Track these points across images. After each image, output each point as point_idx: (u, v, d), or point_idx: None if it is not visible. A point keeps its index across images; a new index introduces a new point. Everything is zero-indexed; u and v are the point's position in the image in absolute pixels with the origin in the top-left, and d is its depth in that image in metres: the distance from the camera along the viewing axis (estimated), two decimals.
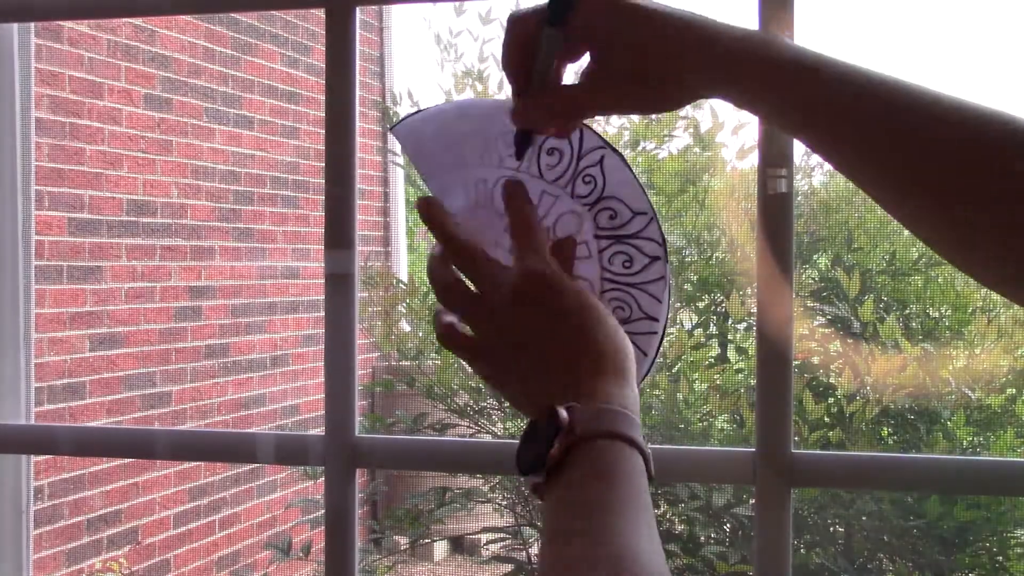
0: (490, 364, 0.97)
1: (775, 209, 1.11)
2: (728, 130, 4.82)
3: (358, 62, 1.21)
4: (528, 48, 0.91)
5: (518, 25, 0.92)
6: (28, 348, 1.41)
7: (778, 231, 1.11)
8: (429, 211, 0.98)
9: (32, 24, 1.52)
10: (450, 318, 0.98)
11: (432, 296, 5.41)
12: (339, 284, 1.18)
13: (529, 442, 0.87)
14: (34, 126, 4.59)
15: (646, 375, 1.05)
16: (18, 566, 1.41)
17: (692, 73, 0.90)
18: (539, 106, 0.94)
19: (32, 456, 1.45)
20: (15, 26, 1.38)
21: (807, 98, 0.88)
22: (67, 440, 1.46)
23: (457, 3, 5.28)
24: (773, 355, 1.11)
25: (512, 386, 0.96)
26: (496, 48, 5.74)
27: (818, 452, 1.29)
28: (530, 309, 0.93)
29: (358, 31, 1.21)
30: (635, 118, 4.90)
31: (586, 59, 0.93)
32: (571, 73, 0.95)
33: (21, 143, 1.36)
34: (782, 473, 1.12)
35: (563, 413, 0.85)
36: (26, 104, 1.39)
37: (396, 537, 5.75)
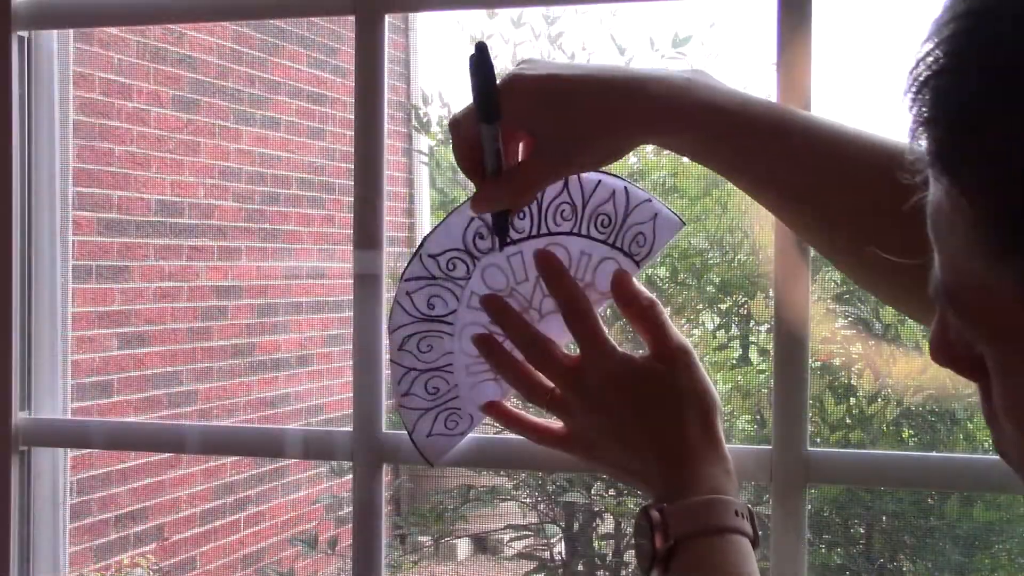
0: (587, 441, 1.02)
1: None
2: None
3: (387, 66, 1.23)
4: (474, 145, 0.96)
5: (458, 129, 0.97)
6: (65, 345, 1.45)
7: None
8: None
9: (71, 30, 1.56)
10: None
11: None
12: (367, 284, 1.21)
13: (637, 541, 0.93)
14: (72, 129, 4.63)
15: None
16: (55, 557, 1.45)
17: (622, 127, 0.94)
18: (491, 193, 0.98)
19: (69, 450, 1.49)
20: (55, 32, 1.42)
21: (720, 141, 0.93)
22: (102, 434, 1.49)
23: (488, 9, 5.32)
24: (790, 354, 1.13)
25: (611, 467, 1.03)
26: (528, 51, 5.80)
27: (834, 450, 1.32)
28: (623, 396, 0.99)
29: (387, 36, 1.23)
30: None
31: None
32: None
33: (60, 146, 1.40)
34: (798, 470, 1.14)
35: (655, 515, 0.90)
36: (64, 108, 1.43)
37: (420, 538, 5.78)
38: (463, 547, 7.04)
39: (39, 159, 1.38)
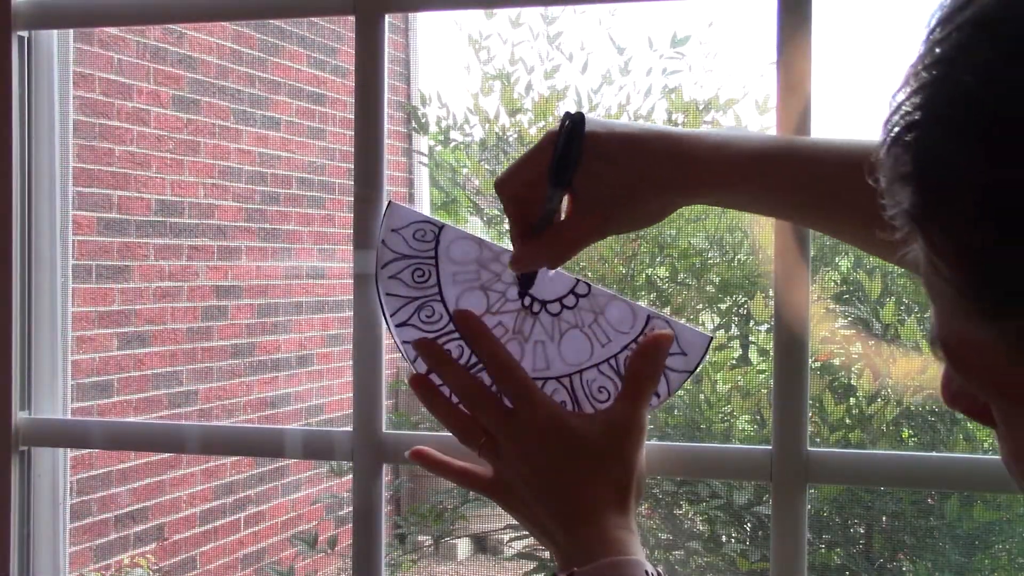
0: (509, 489, 1.03)
1: None
2: None
3: (387, 66, 1.23)
4: (525, 199, 0.97)
5: (515, 190, 0.98)
6: (65, 345, 1.45)
7: (796, 233, 1.13)
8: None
9: (71, 30, 1.56)
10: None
11: None
12: (367, 284, 1.21)
13: None
14: (72, 129, 4.62)
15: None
16: (55, 558, 1.45)
17: (659, 189, 0.94)
18: (532, 253, 1.00)
19: (69, 450, 1.49)
20: (55, 32, 1.42)
21: (764, 185, 0.94)
22: (102, 434, 1.49)
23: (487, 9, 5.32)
24: (790, 354, 1.13)
25: (525, 519, 1.03)
26: (525, 51, 5.80)
27: (834, 450, 1.32)
28: (548, 449, 1.00)
29: (387, 36, 1.23)
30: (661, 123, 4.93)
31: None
32: None
33: (60, 146, 1.40)
34: (798, 470, 1.14)
35: None
36: (64, 108, 1.43)
37: (420, 537, 5.79)
38: (463, 547, 7.04)
39: (39, 159, 1.38)
